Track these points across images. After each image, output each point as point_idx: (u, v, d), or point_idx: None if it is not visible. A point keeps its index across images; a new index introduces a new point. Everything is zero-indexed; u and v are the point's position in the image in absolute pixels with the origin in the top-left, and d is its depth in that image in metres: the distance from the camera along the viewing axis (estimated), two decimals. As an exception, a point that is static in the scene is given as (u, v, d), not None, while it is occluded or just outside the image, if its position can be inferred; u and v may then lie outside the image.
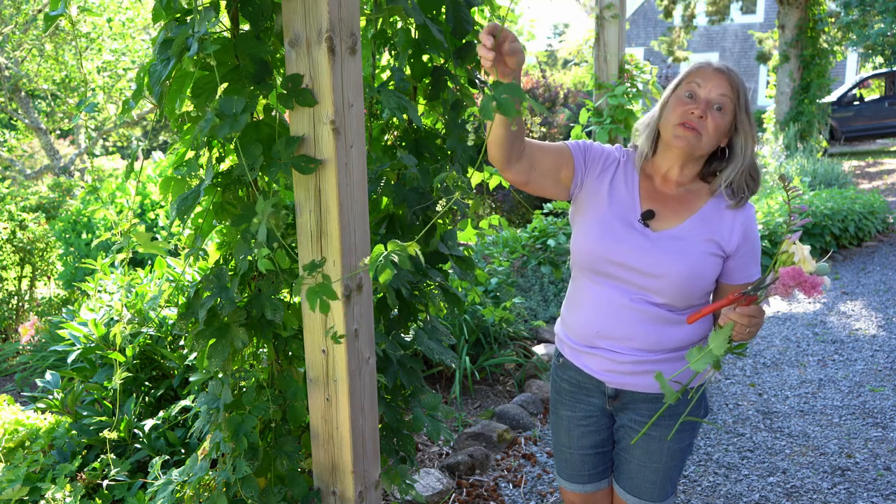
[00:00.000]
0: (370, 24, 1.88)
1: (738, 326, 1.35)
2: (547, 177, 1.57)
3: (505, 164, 1.49)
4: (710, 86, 1.49)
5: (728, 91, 1.49)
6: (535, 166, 1.54)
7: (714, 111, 1.49)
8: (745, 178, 1.54)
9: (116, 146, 15.87)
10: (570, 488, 1.78)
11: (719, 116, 1.49)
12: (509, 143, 1.45)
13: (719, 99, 1.49)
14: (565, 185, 1.60)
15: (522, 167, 1.52)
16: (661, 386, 1.35)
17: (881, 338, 4.49)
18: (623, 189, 1.60)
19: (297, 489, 1.67)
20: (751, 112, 1.53)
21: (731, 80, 1.50)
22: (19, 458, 2.19)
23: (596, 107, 4.74)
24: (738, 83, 1.50)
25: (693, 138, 1.49)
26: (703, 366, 1.35)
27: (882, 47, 11.79)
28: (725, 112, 1.49)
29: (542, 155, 1.55)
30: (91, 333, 2.63)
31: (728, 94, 1.49)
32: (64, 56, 9.20)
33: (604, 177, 1.60)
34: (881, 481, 2.83)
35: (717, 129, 1.49)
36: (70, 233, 5.17)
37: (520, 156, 1.50)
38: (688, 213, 1.56)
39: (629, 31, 22.05)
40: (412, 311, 1.96)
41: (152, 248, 1.66)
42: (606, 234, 1.55)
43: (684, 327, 1.55)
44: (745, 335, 1.36)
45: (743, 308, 1.34)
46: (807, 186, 7.30)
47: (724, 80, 1.49)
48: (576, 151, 1.60)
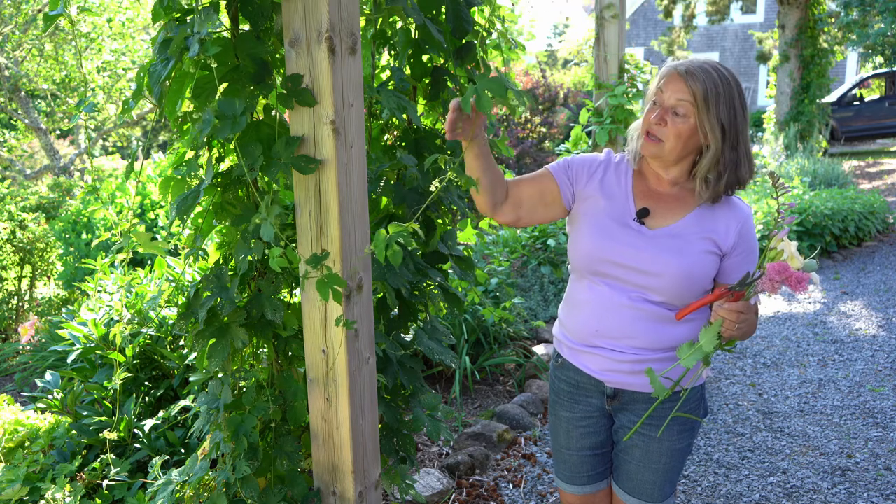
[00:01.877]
0: (370, 24, 1.88)
1: (727, 323, 1.36)
2: (536, 207, 1.62)
3: (491, 210, 1.59)
4: (670, 91, 1.49)
5: (685, 95, 1.46)
6: (522, 203, 1.61)
7: (673, 116, 1.48)
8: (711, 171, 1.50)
9: (116, 146, 15.87)
10: (569, 490, 1.78)
11: (680, 121, 1.47)
12: (490, 187, 1.54)
13: (677, 104, 1.48)
14: (556, 204, 1.63)
15: (509, 208, 1.60)
16: (651, 381, 1.36)
17: (881, 338, 4.49)
18: (616, 189, 1.60)
19: (297, 489, 1.67)
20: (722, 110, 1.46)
21: (690, 84, 1.46)
22: (19, 458, 2.19)
23: (596, 107, 4.74)
24: (698, 85, 1.45)
25: (655, 148, 1.51)
26: (693, 362, 1.35)
27: (882, 47, 11.80)
28: (686, 116, 1.47)
29: (523, 188, 1.62)
30: (91, 333, 2.63)
31: (686, 98, 1.46)
32: (64, 56, 9.20)
33: (592, 182, 1.62)
34: (881, 481, 2.83)
35: (678, 134, 1.48)
36: (70, 233, 5.17)
37: (504, 198, 1.59)
38: (684, 211, 1.56)
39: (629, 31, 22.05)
40: (412, 311, 1.96)
41: (152, 248, 1.66)
42: (602, 234, 1.55)
43: (684, 326, 1.55)
44: (735, 332, 1.36)
45: (731, 304, 1.35)
46: (807, 186, 7.30)
47: (681, 84, 1.47)
48: (557, 172, 1.63)
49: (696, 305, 1.43)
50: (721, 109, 1.46)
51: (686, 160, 1.55)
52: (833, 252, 6.59)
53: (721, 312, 1.36)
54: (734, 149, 1.49)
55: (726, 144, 1.48)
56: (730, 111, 1.47)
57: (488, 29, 2.05)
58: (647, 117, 1.52)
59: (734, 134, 1.49)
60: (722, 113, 1.46)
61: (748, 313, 1.36)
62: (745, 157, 1.51)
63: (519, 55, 2.22)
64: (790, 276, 1.28)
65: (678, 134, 1.48)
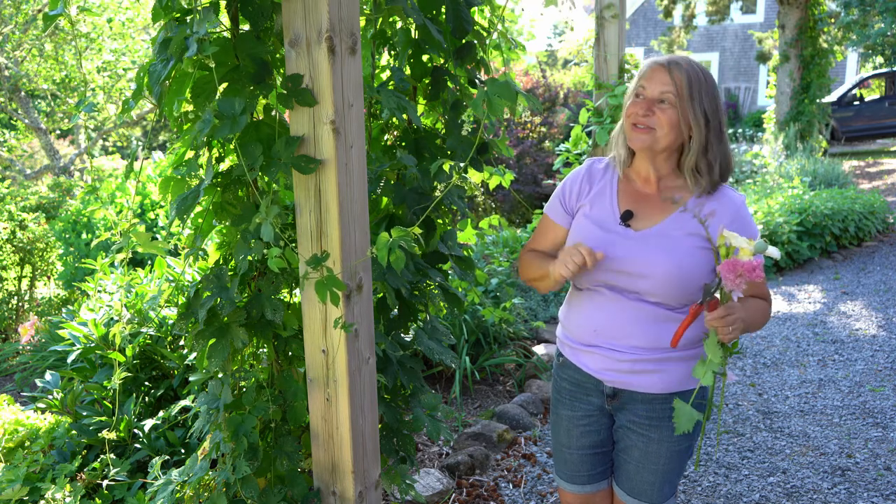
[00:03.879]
0: (370, 24, 1.88)
1: (720, 330, 1.37)
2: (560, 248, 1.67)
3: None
4: (654, 83, 1.51)
5: (668, 86, 1.49)
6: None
7: (660, 105, 1.51)
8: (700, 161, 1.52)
9: (116, 146, 15.87)
10: (569, 489, 1.78)
11: (668, 109, 1.50)
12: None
13: (661, 95, 1.50)
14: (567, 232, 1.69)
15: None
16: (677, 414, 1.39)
17: (881, 338, 4.49)
18: (599, 196, 1.63)
19: (297, 489, 1.67)
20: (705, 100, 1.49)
21: (674, 75, 1.49)
22: (19, 458, 2.19)
23: (596, 107, 4.74)
24: (683, 76, 1.49)
25: (647, 136, 1.52)
26: (711, 377, 1.38)
27: (882, 47, 11.80)
28: (670, 105, 1.50)
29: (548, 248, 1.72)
30: (91, 333, 2.63)
31: (669, 89, 1.49)
32: (64, 56, 9.20)
33: (581, 196, 1.66)
34: (881, 481, 2.83)
35: (669, 122, 1.50)
36: (70, 233, 5.17)
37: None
38: (670, 210, 1.56)
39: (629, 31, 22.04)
40: (412, 311, 1.96)
41: (152, 248, 1.66)
42: (588, 242, 1.55)
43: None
44: (732, 334, 1.37)
45: (712, 313, 1.37)
46: (807, 186, 7.30)
47: (664, 75, 1.50)
48: (553, 212, 1.71)
49: (682, 329, 1.45)
50: (704, 99, 1.49)
51: (673, 154, 1.57)
52: (833, 252, 6.59)
53: (709, 324, 1.38)
54: (719, 139, 1.52)
55: (712, 134, 1.51)
56: (711, 101, 1.51)
57: (488, 29, 2.04)
58: (631, 111, 1.54)
59: (717, 124, 1.52)
60: (705, 102, 1.49)
61: (734, 313, 1.37)
62: (727, 148, 1.55)
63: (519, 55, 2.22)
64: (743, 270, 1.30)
65: (669, 120, 1.50)
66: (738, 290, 1.32)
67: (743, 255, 1.32)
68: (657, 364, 1.56)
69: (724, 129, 1.54)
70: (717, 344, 1.38)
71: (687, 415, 1.39)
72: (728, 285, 1.32)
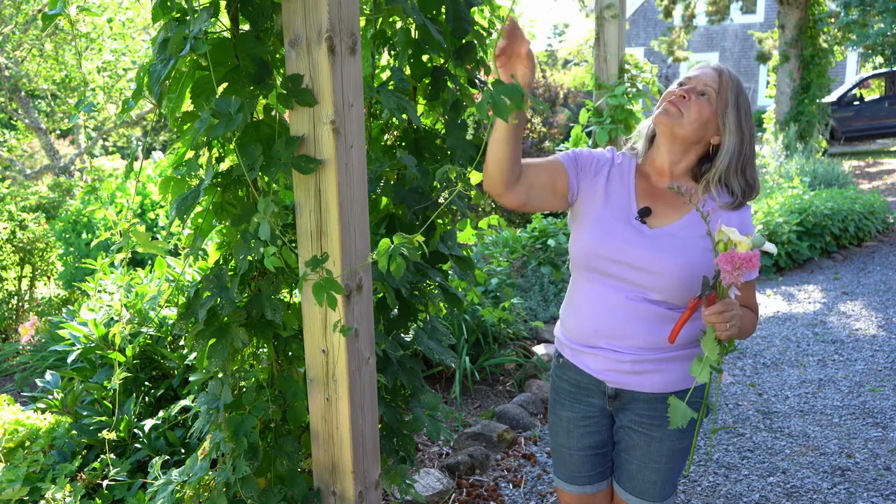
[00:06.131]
0: (370, 24, 1.88)
1: (718, 326, 1.38)
2: (544, 193, 1.58)
3: (504, 188, 1.49)
4: (700, 77, 1.56)
5: (713, 83, 1.53)
6: (534, 187, 1.55)
7: (698, 96, 1.54)
8: (737, 178, 1.55)
9: (116, 146, 15.88)
10: (568, 490, 1.78)
11: (703, 101, 1.53)
12: (510, 164, 1.45)
13: (704, 88, 1.54)
14: (563, 195, 1.62)
15: (521, 189, 1.52)
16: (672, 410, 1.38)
17: (881, 338, 4.49)
18: (619, 188, 1.61)
19: (297, 489, 1.67)
20: (742, 112, 1.53)
21: (722, 75, 1.54)
22: (19, 458, 2.19)
23: (596, 107, 4.74)
24: (728, 79, 1.54)
25: (675, 113, 1.53)
26: (708, 375, 1.38)
27: (882, 47, 11.80)
28: (709, 102, 1.53)
29: (536, 173, 1.56)
30: (91, 333, 2.63)
31: (712, 85, 1.53)
32: (64, 56, 9.19)
33: (598, 178, 1.62)
34: (881, 481, 2.83)
35: (699, 113, 1.52)
36: (70, 233, 5.17)
37: (518, 178, 1.51)
38: (684, 211, 1.57)
39: (629, 31, 22.04)
40: (412, 311, 1.96)
41: (152, 248, 1.66)
42: (604, 231, 1.56)
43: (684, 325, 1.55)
44: (729, 331, 1.38)
45: (710, 308, 1.37)
46: (807, 186, 7.30)
47: (713, 73, 1.55)
48: (567, 162, 1.62)
49: (680, 324, 1.45)
50: (742, 115, 1.53)
51: (694, 151, 1.58)
52: (833, 252, 6.59)
53: (707, 319, 1.38)
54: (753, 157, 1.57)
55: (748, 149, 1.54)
56: (749, 122, 1.55)
57: (488, 29, 2.04)
58: (670, 93, 1.57)
59: (752, 143, 1.56)
60: (743, 119, 1.53)
61: (731, 310, 1.37)
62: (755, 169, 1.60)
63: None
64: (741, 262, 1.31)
65: (700, 112, 1.52)
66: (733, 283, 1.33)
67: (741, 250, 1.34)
68: (658, 364, 1.56)
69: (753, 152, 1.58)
70: (714, 341, 1.38)
71: (681, 411, 1.39)
72: (726, 278, 1.33)
